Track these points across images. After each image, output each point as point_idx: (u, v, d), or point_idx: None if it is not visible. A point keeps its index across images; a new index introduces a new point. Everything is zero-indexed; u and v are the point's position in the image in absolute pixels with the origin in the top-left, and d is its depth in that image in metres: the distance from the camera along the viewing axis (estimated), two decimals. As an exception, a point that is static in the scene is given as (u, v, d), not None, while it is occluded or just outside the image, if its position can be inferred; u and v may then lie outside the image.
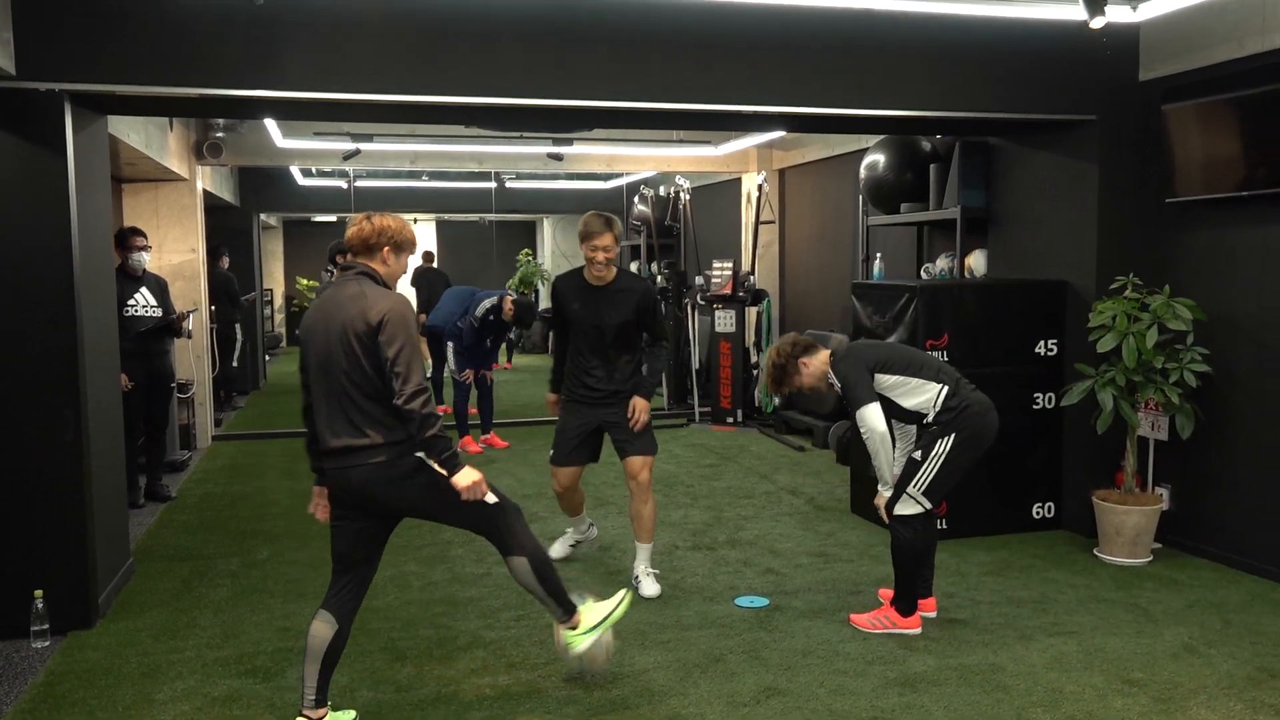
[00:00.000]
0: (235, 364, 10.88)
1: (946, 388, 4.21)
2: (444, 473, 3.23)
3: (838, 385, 4.26)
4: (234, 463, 8.08)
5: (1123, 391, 5.11)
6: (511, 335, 17.26)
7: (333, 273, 7.87)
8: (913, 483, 4.18)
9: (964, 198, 6.44)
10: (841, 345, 4.44)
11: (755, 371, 9.64)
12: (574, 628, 3.61)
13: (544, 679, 3.83)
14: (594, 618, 3.63)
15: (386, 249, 3.34)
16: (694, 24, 4.83)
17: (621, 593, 3.76)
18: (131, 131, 6.47)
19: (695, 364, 10.07)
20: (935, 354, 5.42)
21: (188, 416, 8.53)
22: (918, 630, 4.24)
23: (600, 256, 4.60)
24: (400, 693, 3.73)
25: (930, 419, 4.22)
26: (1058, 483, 5.88)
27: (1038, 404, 5.79)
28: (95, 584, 4.47)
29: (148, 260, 6.64)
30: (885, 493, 4.27)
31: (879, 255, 7.77)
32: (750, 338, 9.79)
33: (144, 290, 6.55)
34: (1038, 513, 5.86)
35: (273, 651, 4.12)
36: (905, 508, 4.21)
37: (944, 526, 5.64)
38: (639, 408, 4.72)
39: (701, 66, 4.91)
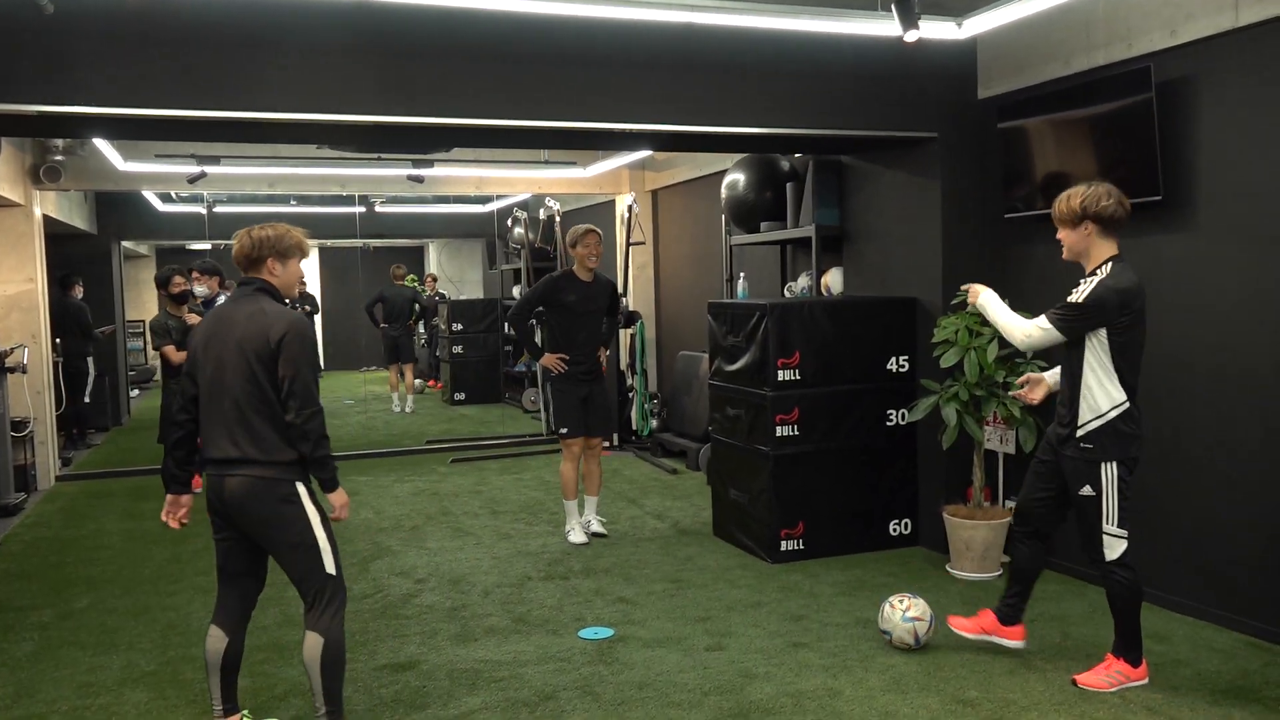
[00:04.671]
0: (88, 399, 10.31)
1: (1127, 406, 3.71)
2: (323, 491, 3.31)
3: (1082, 289, 3.67)
4: (73, 505, 7.60)
5: (966, 406, 5.11)
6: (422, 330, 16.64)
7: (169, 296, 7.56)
8: (1103, 519, 3.75)
9: (818, 216, 6.43)
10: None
11: (630, 394, 9.52)
12: None
13: (360, 728, 3.59)
14: None
15: (270, 260, 3.36)
16: (542, 40, 4.72)
17: None
18: (-59, 153, 6.05)
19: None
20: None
21: (25, 456, 8.01)
22: (1145, 680, 3.84)
23: (592, 261, 6.01)
24: (199, 751, 3.46)
25: (1083, 430, 3.73)
26: (914, 499, 5.87)
27: (891, 420, 5.78)
28: (-128, 645, 4.07)
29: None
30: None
31: (743, 275, 7.73)
32: (624, 360, 9.66)
33: (-38, 323, 6.12)
34: (895, 530, 5.84)
35: (68, 710, 3.79)
36: (1114, 549, 3.77)
37: (801, 546, 5.58)
38: (603, 355, 6.31)
39: (548, 83, 4.80)
